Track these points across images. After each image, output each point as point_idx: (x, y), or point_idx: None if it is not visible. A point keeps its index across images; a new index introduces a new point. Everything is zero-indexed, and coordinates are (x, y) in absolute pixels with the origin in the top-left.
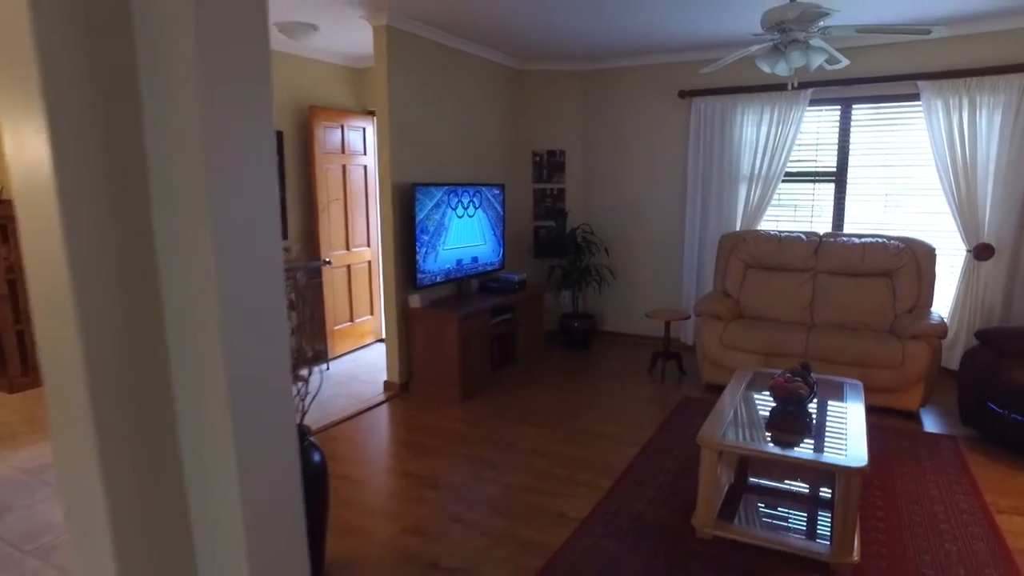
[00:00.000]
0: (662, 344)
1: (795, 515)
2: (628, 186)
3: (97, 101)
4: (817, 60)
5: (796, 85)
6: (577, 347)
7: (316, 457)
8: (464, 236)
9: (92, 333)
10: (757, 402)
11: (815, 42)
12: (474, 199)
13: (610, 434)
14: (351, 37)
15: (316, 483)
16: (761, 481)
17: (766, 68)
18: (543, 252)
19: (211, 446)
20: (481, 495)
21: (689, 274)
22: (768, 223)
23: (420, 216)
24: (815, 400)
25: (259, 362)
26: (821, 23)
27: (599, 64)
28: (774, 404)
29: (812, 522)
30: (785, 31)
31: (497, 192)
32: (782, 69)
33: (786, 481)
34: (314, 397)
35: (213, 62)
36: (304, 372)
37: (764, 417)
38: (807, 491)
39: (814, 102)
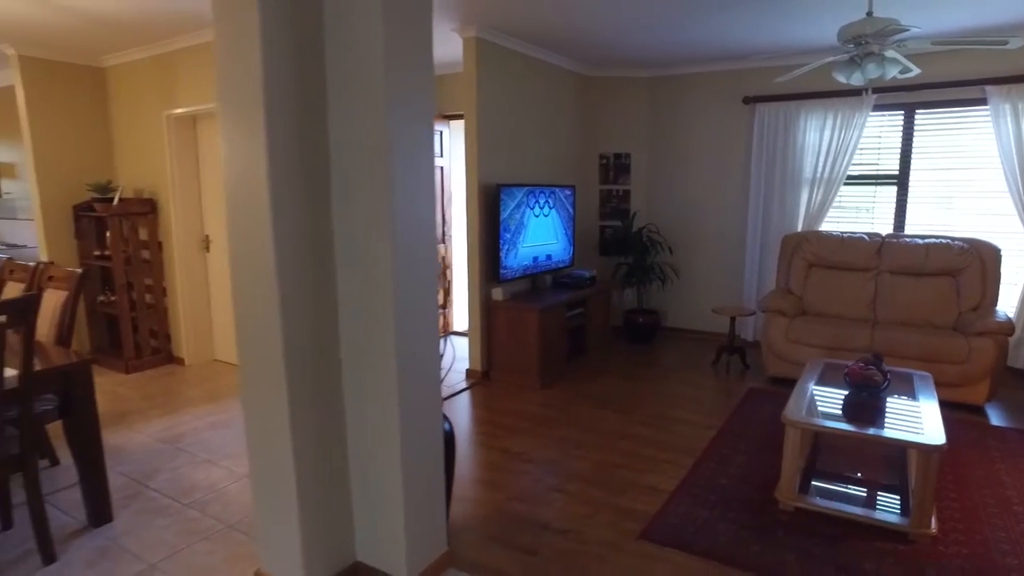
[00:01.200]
0: (726, 339)
1: (868, 495)
2: (691, 188)
3: (298, 115)
4: (892, 71)
5: (870, 93)
6: (641, 341)
7: (446, 426)
8: (540, 234)
9: (289, 315)
10: (831, 389)
11: (890, 54)
12: (549, 199)
13: (685, 419)
14: (435, 47)
15: (446, 449)
16: (829, 471)
17: (842, 79)
18: (608, 250)
19: (378, 417)
20: (574, 470)
21: (751, 273)
22: (829, 224)
23: (504, 215)
24: (887, 387)
25: (418, 338)
26: (897, 36)
27: (665, 71)
28: (848, 391)
29: (887, 500)
30: (861, 44)
31: (569, 193)
32: (857, 79)
33: (845, 474)
34: (448, 371)
35: (395, 85)
36: (440, 348)
37: (840, 401)
38: (869, 480)
39: (877, 107)
